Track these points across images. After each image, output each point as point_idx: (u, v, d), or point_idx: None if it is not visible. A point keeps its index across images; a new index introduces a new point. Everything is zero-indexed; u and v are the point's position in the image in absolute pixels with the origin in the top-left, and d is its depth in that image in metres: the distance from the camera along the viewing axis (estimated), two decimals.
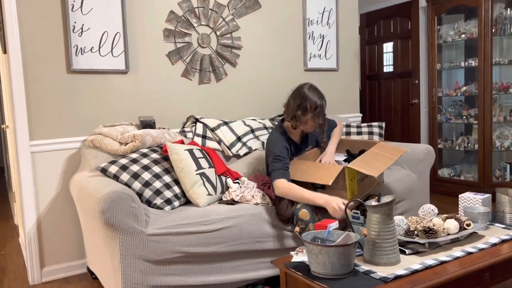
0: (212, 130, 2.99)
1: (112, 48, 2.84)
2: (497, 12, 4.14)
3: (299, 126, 2.48)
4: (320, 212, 2.33)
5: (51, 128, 2.71)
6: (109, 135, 2.62)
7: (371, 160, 2.38)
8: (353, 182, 2.35)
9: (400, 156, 2.49)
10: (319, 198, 2.24)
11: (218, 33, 3.24)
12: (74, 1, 2.70)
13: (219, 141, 2.97)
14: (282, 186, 2.33)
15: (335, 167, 2.36)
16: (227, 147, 2.95)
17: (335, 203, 2.16)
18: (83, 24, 2.74)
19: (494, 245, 1.94)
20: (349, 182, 2.30)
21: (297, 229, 1.85)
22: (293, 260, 1.84)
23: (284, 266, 1.80)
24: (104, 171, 2.39)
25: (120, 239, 2.01)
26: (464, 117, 4.44)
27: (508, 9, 4.13)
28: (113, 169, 2.38)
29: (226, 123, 3.08)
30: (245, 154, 3.01)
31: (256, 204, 2.44)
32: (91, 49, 2.77)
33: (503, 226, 2.18)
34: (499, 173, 4.27)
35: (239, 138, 3.03)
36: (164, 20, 3.03)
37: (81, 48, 2.74)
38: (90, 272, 2.70)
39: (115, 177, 2.36)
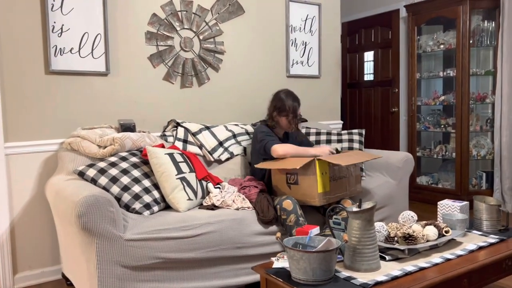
0: (194, 134, 2.96)
1: (92, 50, 2.79)
2: (475, 24, 4.25)
3: (276, 125, 2.81)
4: (303, 208, 2.44)
5: (27, 129, 2.64)
6: (87, 138, 2.56)
7: (341, 157, 2.53)
8: (325, 177, 2.44)
9: (372, 158, 2.65)
10: (312, 149, 2.63)
11: (201, 37, 3.22)
12: (54, 0, 2.64)
13: (201, 146, 2.94)
14: (280, 147, 2.59)
15: (306, 158, 2.46)
16: (209, 152, 2.93)
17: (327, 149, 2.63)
18: (63, 24, 2.68)
19: (471, 251, 1.97)
20: (320, 175, 2.40)
21: (278, 234, 1.85)
22: (274, 266, 1.83)
23: (265, 272, 1.79)
24: (81, 174, 2.34)
25: (97, 244, 1.96)
26: (442, 126, 4.52)
27: (486, 21, 4.24)
28: (91, 172, 2.33)
29: (208, 128, 3.06)
30: (227, 159, 2.99)
31: (237, 209, 2.43)
32: (70, 50, 2.72)
33: (480, 233, 2.22)
34: (475, 181, 4.36)
35: (220, 143, 3.01)
36: (146, 23, 3.00)
37: (60, 48, 2.69)
38: (65, 278, 2.63)
39: (93, 181, 2.31)
